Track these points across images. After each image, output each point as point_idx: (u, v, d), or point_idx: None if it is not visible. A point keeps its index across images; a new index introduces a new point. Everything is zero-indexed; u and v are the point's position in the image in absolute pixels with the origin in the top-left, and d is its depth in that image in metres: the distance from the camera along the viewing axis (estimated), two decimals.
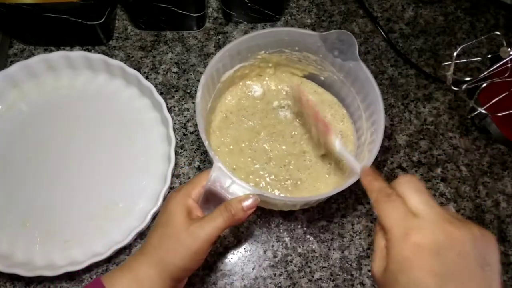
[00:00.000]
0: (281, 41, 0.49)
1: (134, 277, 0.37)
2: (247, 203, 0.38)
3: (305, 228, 0.51)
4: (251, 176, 0.50)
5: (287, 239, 0.51)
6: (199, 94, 0.44)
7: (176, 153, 0.53)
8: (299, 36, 0.48)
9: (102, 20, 0.56)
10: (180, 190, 0.39)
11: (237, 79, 0.53)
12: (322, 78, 0.53)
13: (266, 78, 0.54)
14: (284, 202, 0.46)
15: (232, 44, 0.46)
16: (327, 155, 0.50)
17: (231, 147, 0.51)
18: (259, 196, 0.38)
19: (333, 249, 0.51)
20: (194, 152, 0.55)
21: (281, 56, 0.51)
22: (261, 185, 0.50)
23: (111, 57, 0.56)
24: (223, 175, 0.39)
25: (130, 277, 0.37)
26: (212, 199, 0.39)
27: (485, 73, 0.50)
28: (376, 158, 0.43)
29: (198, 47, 0.60)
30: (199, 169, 0.54)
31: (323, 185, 0.50)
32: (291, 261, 0.50)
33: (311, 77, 0.54)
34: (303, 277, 0.49)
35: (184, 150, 0.55)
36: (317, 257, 0.50)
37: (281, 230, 0.51)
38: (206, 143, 0.41)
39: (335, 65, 0.49)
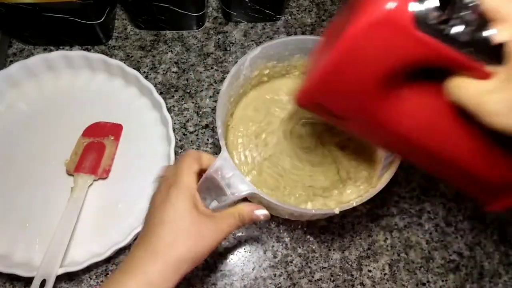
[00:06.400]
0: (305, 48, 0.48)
1: (144, 282, 0.31)
2: (258, 213, 0.37)
3: (305, 229, 0.51)
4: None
5: (287, 240, 0.51)
6: (226, 83, 0.43)
7: (176, 153, 0.53)
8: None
9: (102, 19, 0.56)
10: (190, 157, 0.37)
11: (262, 78, 0.51)
12: None
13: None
14: (290, 211, 0.43)
15: (274, 41, 0.45)
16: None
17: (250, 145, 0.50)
18: (256, 195, 0.38)
19: (333, 250, 0.50)
20: None
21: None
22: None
23: (111, 56, 0.56)
24: (227, 165, 0.38)
25: (139, 282, 0.31)
26: (209, 186, 0.39)
27: None
28: None
29: (198, 46, 0.60)
30: None
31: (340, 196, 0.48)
32: (291, 262, 0.50)
33: None
34: (303, 278, 0.49)
35: (183, 150, 0.55)
36: (317, 257, 0.50)
37: (281, 231, 0.51)
38: (219, 131, 0.41)
39: None
